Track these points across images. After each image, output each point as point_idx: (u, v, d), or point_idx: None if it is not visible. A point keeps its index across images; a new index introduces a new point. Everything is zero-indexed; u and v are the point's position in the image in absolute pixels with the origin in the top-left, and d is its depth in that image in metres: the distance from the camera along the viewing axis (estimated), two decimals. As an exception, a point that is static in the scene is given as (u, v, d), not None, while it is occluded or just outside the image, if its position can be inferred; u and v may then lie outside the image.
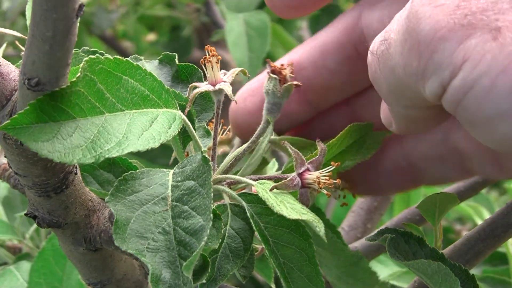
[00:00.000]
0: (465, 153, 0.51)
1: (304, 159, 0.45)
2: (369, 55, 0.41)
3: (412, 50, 0.36)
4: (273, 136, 0.50)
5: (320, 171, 0.44)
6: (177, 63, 0.51)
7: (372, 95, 0.53)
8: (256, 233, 0.45)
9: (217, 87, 0.48)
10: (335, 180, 0.44)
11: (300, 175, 0.44)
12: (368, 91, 0.54)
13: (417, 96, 0.38)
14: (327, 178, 0.44)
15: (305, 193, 0.44)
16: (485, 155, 0.49)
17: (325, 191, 0.44)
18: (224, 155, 0.51)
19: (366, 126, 0.51)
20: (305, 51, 0.51)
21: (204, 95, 0.51)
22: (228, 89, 0.48)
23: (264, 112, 0.47)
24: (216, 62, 0.48)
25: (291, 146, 0.45)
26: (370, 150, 0.52)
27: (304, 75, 0.51)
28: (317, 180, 0.44)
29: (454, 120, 0.40)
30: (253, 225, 0.44)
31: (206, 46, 0.49)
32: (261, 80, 0.52)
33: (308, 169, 0.44)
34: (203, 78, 0.51)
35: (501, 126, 0.34)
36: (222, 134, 0.53)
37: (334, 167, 0.45)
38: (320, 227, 0.41)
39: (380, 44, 0.40)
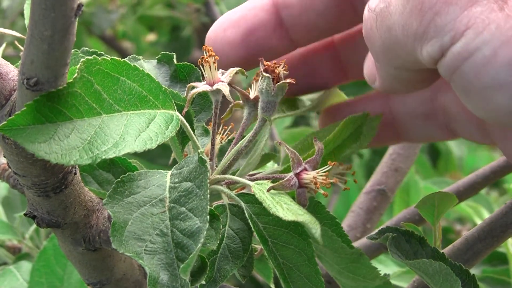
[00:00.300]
0: (451, 114, 0.50)
1: (301, 158, 0.44)
2: (366, 11, 0.41)
3: (414, 10, 0.36)
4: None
5: (317, 170, 0.44)
6: (176, 62, 0.51)
7: (358, 42, 0.52)
8: (254, 233, 0.45)
9: (214, 87, 0.48)
10: (332, 180, 0.44)
11: (297, 175, 0.44)
12: (355, 37, 0.53)
13: (411, 58, 0.38)
14: (324, 178, 0.44)
15: (302, 193, 0.44)
16: (471, 118, 0.49)
17: (322, 191, 0.44)
18: (223, 153, 0.51)
19: (362, 117, 0.51)
20: None
21: (203, 95, 0.51)
22: (225, 89, 0.48)
23: (259, 111, 0.47)
24: (214, 62, 0.48)
25: (288, 146, 0.45)
26: (367, 138, 0.52)
27: (290, 13, 0.50)
28: (314, 180, 0.44)
29: (444, 80, 0.39)
30: (252, 226, 0.44)
31: (203, 46, 0.49)
32: (244, 12, 0.51)
33: (305, 169, 0.44)
34: (201, 78, 0.51)
35: (497, 96, 0.34)
36: (222, 134, 0.53)
37: (331, 167, 0.44)
38: (316, 229, 0.41)
39: (380, 2, 0.39)
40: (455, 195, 0.53)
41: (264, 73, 0.46)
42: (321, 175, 0.44)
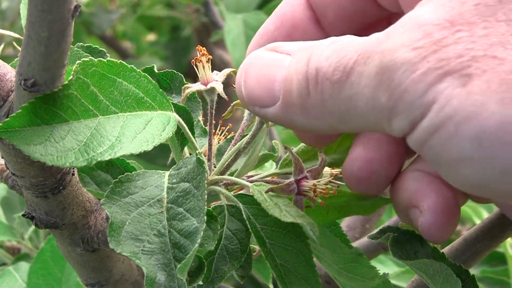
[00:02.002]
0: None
1: (304, 166, 0.44)
2: (319, 78, 0.39)
3: (382, 85, 0.36)
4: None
5: (318, 180, 0.44)
6: (156, 71, 0.51)
7: None
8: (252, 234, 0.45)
9: (208, 86, 0.49)
10: (331, 190, 0.44)
11: (298, 181, 0.44)
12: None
13: (371, 126, 0.38)
14: (324, 188, 0.44)
15: (300, 201, 0.44)
16: None
17: (319, 200, 0.44)
18: (222, 153, 0.51)
19: None
20: None
21: (190, 96, 0.51)
22: (219, 88, 0.48)
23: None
24: (207, 61, 0.48)
25: (293, 152, 0.44)
26: None
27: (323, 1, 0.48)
28: (314, 187, 0.44)
29: None
30: (249, 227, 0.44)
31: (197, 47, 0.49)
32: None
33: (306, 177, 0.44)
34: (184, 81, 0.51)
35: (464, 169, 0.35)
36: (220, 135, 0.53)
37: (331, 177, 0.44)
38: (314, 231, 0.41)
39: (335, 70, 0.38)
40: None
41: None
42: (321, 185, 0.44)
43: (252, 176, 0.48)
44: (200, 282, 0.44)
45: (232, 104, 0.49)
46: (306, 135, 0.48)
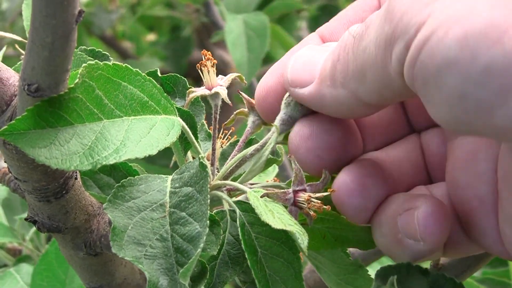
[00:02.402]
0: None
1: (304, 179, 0.44)
2: (345, 36, 0.41)
3: (387, 15, 0.37)
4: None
5: (314, 193, 0.44)
6: (160, 75, 0.51)
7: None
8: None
9: (213, 91, 0.49)
10: (326, 206, 0.44)
11: (295, 192, 0.44)
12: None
13: (381, 79, 0.38)
14: (319, 202, 0.43)
15: (294, 212, 0.44)
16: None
17: (312, 212, 0.43)
18: (226, 157, 0.51)
19: None
20: None
21: (193, 100, 0.51)
22: (223, 93, 0.48)
23: (277, 121, 0.46)
24: (212, 66, 0.48)
25: (296, 163, 0.44)
26: None
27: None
28: (308, 199, 0.43)
29: None
30: (240, 234, 0.44)
31: (202, 51, 0.49)
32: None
33: (305, 190, 0.44)
34: (188, 85, 0.51)
35: (448, 78, 0.34)
36: (223, 138, 0.53)
37: (328, 193, 0.44)
38: (303, 240, 0.40)
39: (361, 25, 0.40)
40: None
41: None
42: (315, 198, 0.43)
43: (255, 184, 0.48)
44: (202, 287, 0.44)
45: (235, 113, 0.49)
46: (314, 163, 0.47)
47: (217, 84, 0.49)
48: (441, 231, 0.42)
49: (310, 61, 0.44)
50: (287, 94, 0.45)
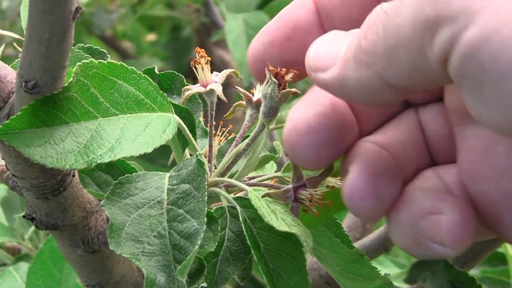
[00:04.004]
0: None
1: (303, 175, 0.44)
2: (374, 12, 0.38)
3: None
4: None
5: (315, 189, 0.44)
6: (157, 73, 0.51)
7: None
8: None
9: (208, 88, 0.49)
10: (328, 201, 0.44)
11: (295, 189, 0.44)
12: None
13: (414, 61, 0.36)
14: (321, 198, 0.43)
15: (296, 208, 0.44)
16: None
17: (314, 210, 0.44)
18: (223, 155, 0.51)
19: None
20: None
21: (190, 98, 0.51)
22: (218, 89, 0.48)
23: (260, 115, 0.46)
24: (206, 63, 0.48)
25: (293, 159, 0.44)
26: None
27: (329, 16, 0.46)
28: (310, 197, 0.43)
29: None
30: (244, 230, 0.44)
31: (196, 48, 0.49)
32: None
33: (304, 185, 0.44)
34: (185, 82, 0.51)
35: (509, 84, 0.31)
36: (221, 136, 0.53)
37: (328, 189, 0.44)
38: (308, 241, 0.40)
39: (394, 1, 0.37)
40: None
41: (272, 78, 0.45)
42: (318, 195, 0.43)
43: (253, 177, 0.48)
44: (204, 284, 0.44)
45: (234, 105, 0.49)
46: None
47: (212, 81, 0.49)
48: (470, 238, 0.40)
49: (334, 43, 0.42)
50: (264, 87, 0.45)
